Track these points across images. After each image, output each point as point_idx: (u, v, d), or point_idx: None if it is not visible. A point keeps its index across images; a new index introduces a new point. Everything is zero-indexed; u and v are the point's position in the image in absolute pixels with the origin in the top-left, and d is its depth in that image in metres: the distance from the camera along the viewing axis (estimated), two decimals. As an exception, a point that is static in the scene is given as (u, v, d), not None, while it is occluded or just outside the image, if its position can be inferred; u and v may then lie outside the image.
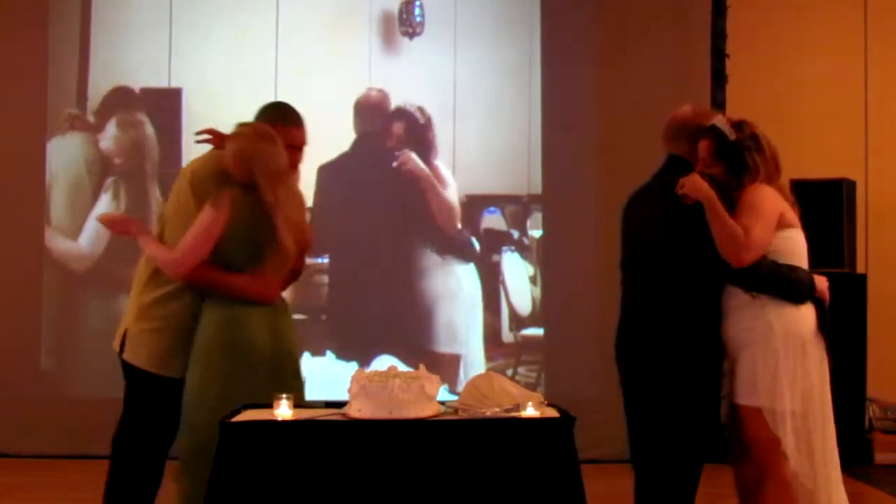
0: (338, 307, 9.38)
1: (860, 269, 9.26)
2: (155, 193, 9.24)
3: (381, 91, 9.43)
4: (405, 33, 9.46)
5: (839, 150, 9.46)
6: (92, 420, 7.42)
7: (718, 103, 8.96)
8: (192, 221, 4.97)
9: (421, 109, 9.40)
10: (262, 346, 5.03)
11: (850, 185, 9.17)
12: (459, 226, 9.36)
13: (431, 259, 9.34)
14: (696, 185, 4.88)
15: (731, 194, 4.90)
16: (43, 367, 9.23)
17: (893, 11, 9.69)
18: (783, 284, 4.85)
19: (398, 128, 9.42)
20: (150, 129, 9.33)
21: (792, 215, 4.88)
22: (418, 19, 9.44)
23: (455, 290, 9.37)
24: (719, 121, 5.01)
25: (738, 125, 4.91)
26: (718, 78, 9.27)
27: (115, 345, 5.23)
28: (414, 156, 9.34)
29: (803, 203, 8.45)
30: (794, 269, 4.85)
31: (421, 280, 9.34)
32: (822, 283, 4.87)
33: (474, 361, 9.27)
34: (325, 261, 9.38)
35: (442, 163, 9.35)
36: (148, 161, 9.31)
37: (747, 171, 4.90)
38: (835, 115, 9.57)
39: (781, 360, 4.83)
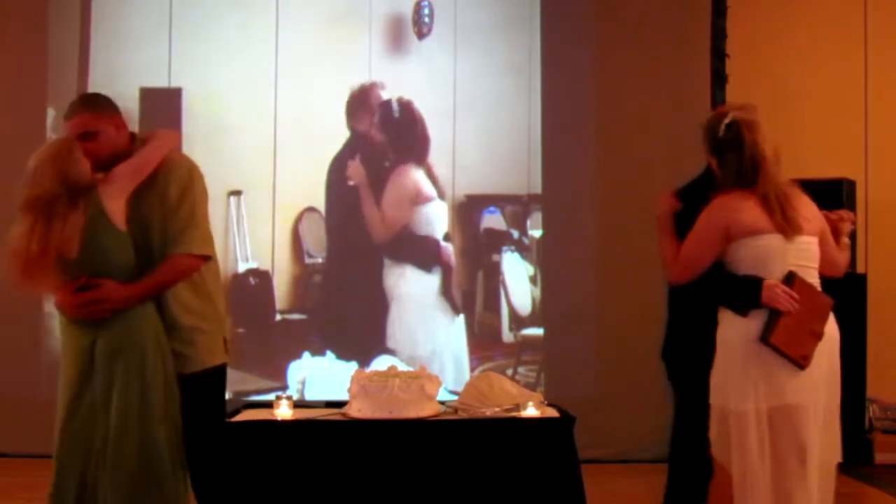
0: (338, 307, 9.37)
1: (860, 268, 9.25)
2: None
3: (371, 85, 9.41)
4: (418, 34, 9.46)
5: (839, 149, 9.45)
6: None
7: (718, 103, 8.95)
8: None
9: (407, 105, 9.38)
10: None
11: (850, 185, 9.17)
12: (442, 234, 9.35)
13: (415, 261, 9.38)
14: (660, 202, 4.96)
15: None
16: (43, 366, 9.23)
17: (893, 11, 9.68)
18: (725, 295, 4.85)
19: (383, 125, 9.40)
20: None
21: (757, 221, 4.78)
22: (426, 20, 9.45)
23: (407, 292, 9.37)
24: (717, 116, 4.99)
25: (729, 123, 4.89)
26: (718, 78, 9.26)
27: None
28: (358, 165, 9.33)
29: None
30: (737, 278, 4.81)
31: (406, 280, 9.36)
32: (770, 291, 4.75)
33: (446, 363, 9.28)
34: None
35: (442, 162, 9.34)
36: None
37: (722, 172, 4.89)
38: (835, 115, 9.56)
39: (717, 363, 4.83)
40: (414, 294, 9.34)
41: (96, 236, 4.70)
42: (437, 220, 9.38)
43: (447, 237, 9.36)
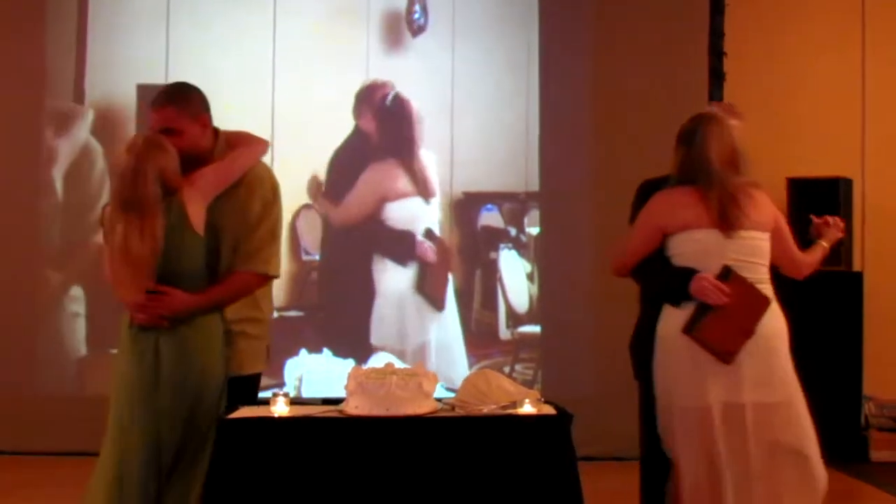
0: (335, 304, 9.37)
1: (857, 267, 9.27)
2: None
3: (382, 83, 9.42)
4: (411, 32, 9.47)
5: (836, 148, 9.46)
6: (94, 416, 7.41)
7: (716, 101, 8.96)
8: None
9: (401, 102, 9.39)
10: None
11: (847, 184, 9.18)
12: (422, 231, 9.37)
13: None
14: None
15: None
16: (40, 362, 9.22)
17: (891, 9, 9.69)
18: (661, 287, 4.90)
19: (376, 121, 9.41)
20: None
21: (694, 217, 4.80)
22: (417, 17, 9.44)
23: (387, 288, 9.39)
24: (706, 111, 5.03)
25: (692, 118, 4.94)
26: (716, 76, 9.28)
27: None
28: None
29: (800, 201, 8.50)
30: (672, 270, 4.84)
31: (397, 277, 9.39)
32: (699, 283, 4.77)
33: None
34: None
35: (440, 160, 9.34)
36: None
37: (673, 163, 4.95)
38: (832, 114, 9.57)
39: (656, 355, 4.90)
40: (393, 290, 9.36)
41: (175, 239, 4.64)
42: (414, 216, 9.37)
43: (429, 234, 9.34)
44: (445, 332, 9.36)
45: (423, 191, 9.36)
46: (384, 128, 9.41)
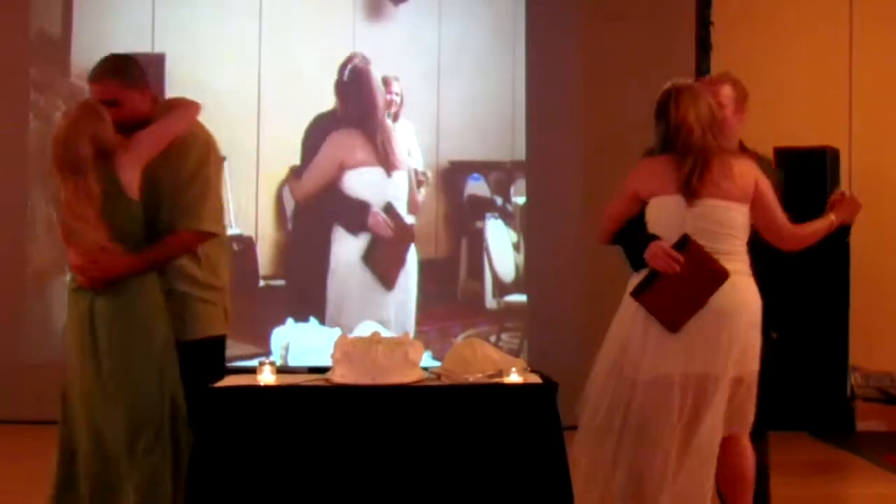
0: (320, 273, 9.37)
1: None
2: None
3: (349, 56, 9.41)
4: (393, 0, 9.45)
5: (823, 118, 9.46)
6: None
7: (703, 71, 8.95)
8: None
9: (360, 71, 9.38)
10: None
11: (834, 153, 9.18)
12: (381, 204, 9.37)
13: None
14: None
15: None
16: (27, 331, 9.22)
17: (878, -21, 9.69)
18: (627, 252, 4.94)
19: (340, 92, 9.40)
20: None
21: (663, 184, 4.80)
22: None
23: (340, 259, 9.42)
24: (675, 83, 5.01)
25: (664, 91, 4.93)
26: (703, 46, 9.27)
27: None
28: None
29: (787, 171, 8.48)
30: (637, 236, 4.86)
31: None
32: (651, 249, 4.77)
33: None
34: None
35: (425, 129, 9.34)
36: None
37: (654, 137, 4.97)
38: (819, 84, 9.56)
39: (615, 318, 4.96)
40: (346, 261, 9.36)
41: (110, 206, 4.67)
42: (370, 187, 9.36)
43: (388, 209, 9.32)
44: (399, 310, 9.35)
45: (385, 161, 9.33)
46: (345, 100, 9.39)
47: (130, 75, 4.93)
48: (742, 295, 4.77)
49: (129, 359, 4.67)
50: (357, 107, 9.38)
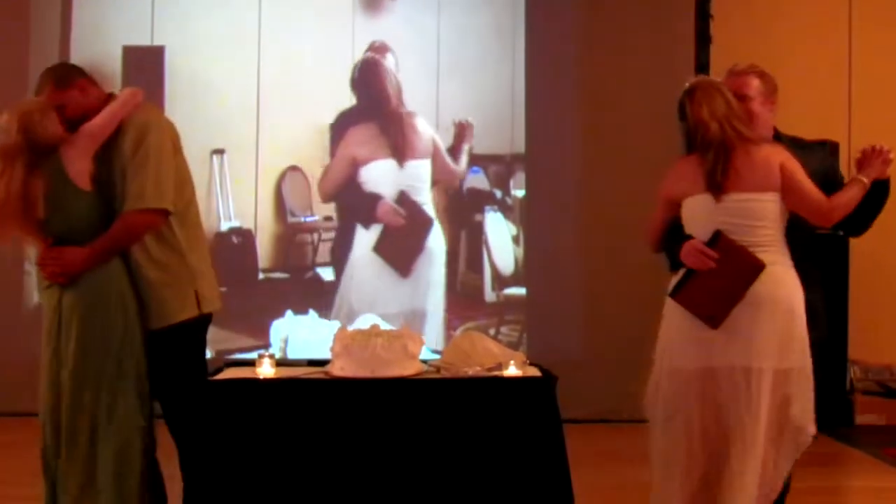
0: (338, 268, 9.38)
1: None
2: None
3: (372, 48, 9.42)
4: (390, -6, 9.45)
5: (823, 111, 9.44)
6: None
7: (702, 64, 8.95)
8: None
9: (369, 65, 9.39)
10: None
11: (834, 146, 9.16)
12: (393, 195, 9.36)
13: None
14: None
15: None
16: (25, 326, 9.21)
17: (878, -28, 9.68)
18: (668, 255, 4.93)
19: (354, 87, 9.42)
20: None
21: (690, 184, 4.80)
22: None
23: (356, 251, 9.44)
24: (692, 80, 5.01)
25: (684, 91, 4.92)
26: (703, 39, 9.26)
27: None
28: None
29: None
30: (675, 237, 4.85)
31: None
32: (684, 248, 4.76)
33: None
34: (311, 219, 9.37)
35: (425, 122, 9.34)
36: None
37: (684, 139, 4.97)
38: (819, 77, 9.55)
39: (662, 319, 4.90)
40: (359, 252, 9.36)
41: (58, 198, 4.71)
42: (381, 179, 9.36)
43: (401, 197, 9.32)
44: (421, 299, 9.35)
45: (398, 152, 9.33)
46: (358, 93, 9.39)
47: (61, 79, 5.00)
48: (779, 286, 4.76)
49: (85, 353, 4.71)
50: (368, 99, 9.37)
